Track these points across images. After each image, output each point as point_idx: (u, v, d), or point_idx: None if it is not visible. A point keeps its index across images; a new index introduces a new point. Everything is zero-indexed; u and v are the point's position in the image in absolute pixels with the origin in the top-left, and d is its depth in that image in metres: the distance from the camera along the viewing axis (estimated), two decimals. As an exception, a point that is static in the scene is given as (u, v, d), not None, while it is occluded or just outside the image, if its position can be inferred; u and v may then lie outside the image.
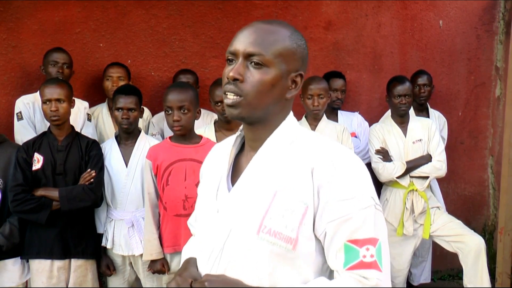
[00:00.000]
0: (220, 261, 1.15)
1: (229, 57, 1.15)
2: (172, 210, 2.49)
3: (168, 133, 3.02)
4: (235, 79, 1.11)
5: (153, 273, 2.62)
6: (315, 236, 1.11)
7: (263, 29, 1.14)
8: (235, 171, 1.22)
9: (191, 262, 1.27)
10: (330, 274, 1.16)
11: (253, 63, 1.12)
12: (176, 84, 2.71)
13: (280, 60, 1.13)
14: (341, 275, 1.09)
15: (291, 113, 1.22)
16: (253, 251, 1.11)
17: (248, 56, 1.12)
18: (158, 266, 2.57)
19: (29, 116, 2.97)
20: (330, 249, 1.10)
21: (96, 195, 2.62)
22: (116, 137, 2.80)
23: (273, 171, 1.15)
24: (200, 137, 2.55)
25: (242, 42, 1.13)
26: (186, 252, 1.39)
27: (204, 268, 1.19)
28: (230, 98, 1.12)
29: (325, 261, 1.14)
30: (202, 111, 3.30)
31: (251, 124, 1.17)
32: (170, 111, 2.43)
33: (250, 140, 1.21)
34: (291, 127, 1.19)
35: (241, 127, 1.25)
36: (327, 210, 1.09)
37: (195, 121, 2.54)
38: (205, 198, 1.27)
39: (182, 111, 2.41)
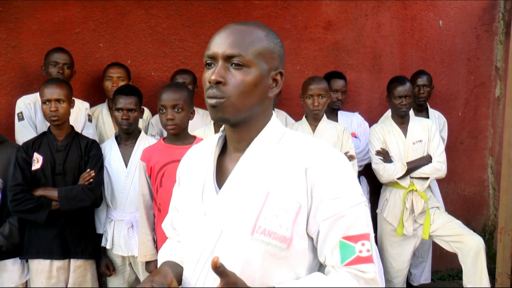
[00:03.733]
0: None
1: (208, 61, 1.15)
2: (166, 212, 2.47)
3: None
4: (217, 82, 1.10)
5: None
6: (307, 234, 1.13)
7: (239, 31, 1.14)
8: (220, 173, 1.21)
9: (167, 265, 1.27)
10: (319, 269, 1.18)
11: (233, 65, 1.11)
12: (170, 84, 2.71)
13: (260, 59, 1.13)
14: (338, 271, 1.11)
15: (274, 113, 1.24)
16: (246, 252, 1.11)
17: (228, 58, 1.11)
18: (153, 267, 2.55)
19: (30, 116, 2.97)
20: (324, 247, 1.12)
21: (95, 195, 2.62)
22: (116, 138, 2.80)
23: (263, 171, 1.15)
24: (194, 137, 2.54)
25: (220, 44, 1.12)
26: (163, 256, 1.37)
27: (193, 271, 1.19)
28: (214, 100, 1.12)
29: (315, 258, 1.16)
30: (202, 111, 3.31)
31: (235, 125, 1.17)
32: (164, 110, 2.43)
33: (234, 142, 1.21)
34: (276, 128, 1.21)
35: (222, 128, 1.25)
36: (321, 208, 1.11)
37: (193, 121, 2.54)
38: (189, 200, 1.25)
39: (176, 110, 2.41)
